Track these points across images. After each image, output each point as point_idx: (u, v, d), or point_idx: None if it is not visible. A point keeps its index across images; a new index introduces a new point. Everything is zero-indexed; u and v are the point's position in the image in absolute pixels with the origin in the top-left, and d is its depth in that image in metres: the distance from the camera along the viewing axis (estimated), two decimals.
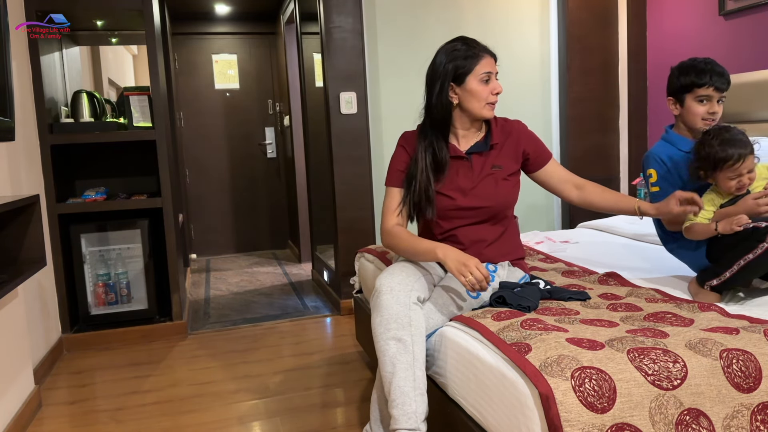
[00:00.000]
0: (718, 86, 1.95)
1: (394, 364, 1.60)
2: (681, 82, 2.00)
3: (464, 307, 1.75)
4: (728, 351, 1.36)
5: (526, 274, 1.95)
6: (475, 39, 1.88)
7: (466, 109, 1.86)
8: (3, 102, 2.04)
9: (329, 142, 3.50)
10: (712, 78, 1.95)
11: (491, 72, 1.83)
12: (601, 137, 3.89)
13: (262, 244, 5.90)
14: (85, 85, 3.89)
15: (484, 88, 1.82)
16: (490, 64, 1.83)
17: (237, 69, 5.69)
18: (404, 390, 1.58)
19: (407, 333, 1.62)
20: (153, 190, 3.47)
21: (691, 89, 1.98)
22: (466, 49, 1.82)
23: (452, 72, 1.82)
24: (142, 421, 2.31)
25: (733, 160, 1.78)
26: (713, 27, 3.17)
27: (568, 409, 1.21)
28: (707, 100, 1.97)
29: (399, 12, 3.60)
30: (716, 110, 1.97)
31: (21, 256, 2.26)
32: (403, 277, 1.70)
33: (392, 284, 1.67)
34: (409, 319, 1.63)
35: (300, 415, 2.29)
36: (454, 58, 1.82)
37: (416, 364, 1.61)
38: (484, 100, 1.83)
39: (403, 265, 1.79)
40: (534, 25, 3.82)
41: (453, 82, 1.84)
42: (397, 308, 1.63)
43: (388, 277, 1.70)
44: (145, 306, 3.33)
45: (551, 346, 1.36)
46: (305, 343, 3.10)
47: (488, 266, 1.87)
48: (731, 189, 1.83)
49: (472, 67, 1.81)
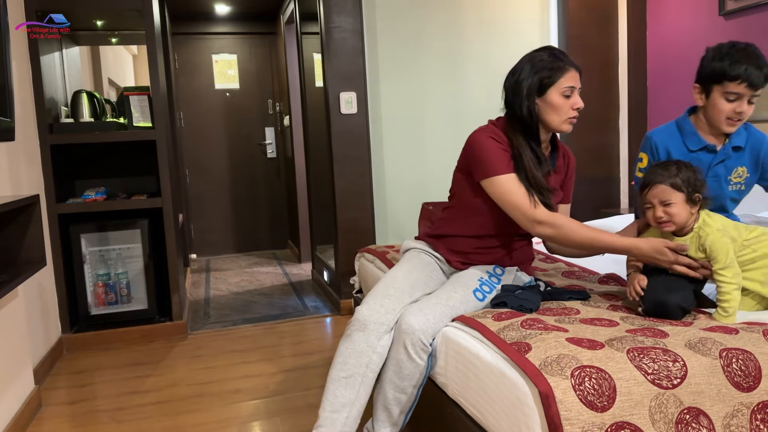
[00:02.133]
0: (752, 82, 1.66)
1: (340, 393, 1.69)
2: (712, 68, 1.70)
3: (470, 311, 1.74)
4: (728, 350, 1.36)
5: (531, 278, 1.95)
6: (563, 51, 1.82)
7: (544, 120, 1.80)
8: (3, 102, 2.04)
9: (329, 142, 3.50)
10: (747, 71, 1.64)
11: (574, 87, 1.77)
12: (601, 137, 3.89)
13: (262, 244, 5.90)
14: (85, 85, 3.89)
15: (565, 102, 1.76)
16: (575, 78, 1.77)
17: (237, 69, 5.69)
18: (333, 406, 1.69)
19: (360, 373, 1.68)
20: (153, 190, 3.47)
21: (720, 80, 1.69)
22: (552, 60, 1.76)
23: (537, 83, 1.76)
24: (142, 421, 2.31)
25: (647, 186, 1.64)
26: (713, 27, 3.17)
27: (568, 407, 1.21)
28: (737, 97, 1.69)
29: (399, 12, 3.60)
30: (744, 110, 1.69)
31: (21, 256, 2.26)
32: (385, 308, 1.70)
33: (368, 320, 1.68)
34: (369, 359, 1.68)
35: (300, 415, 2.29)
36: (540, 69, 1.76)
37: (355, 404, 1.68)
38: (564, 114, 1.77)
39: (393, 286, 1.77)
40: (534, 25, 3.82)
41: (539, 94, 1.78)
42: (363, 347, 1.68)
43: (367, 310, 1.70)
44: (145, 306, 3.33)
45: (551, 346, 1.36)
46: (305, 343, 3.10)
47: (495, 269, 1.87)
48: (650, 220, 1.67)
49: (556, 79, 1.75)
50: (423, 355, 1.63)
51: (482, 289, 1.78)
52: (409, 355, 1.63)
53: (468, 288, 1.76)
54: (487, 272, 1.85)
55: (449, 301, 1.71)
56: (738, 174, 1.78)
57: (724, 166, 1.78)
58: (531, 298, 1.71)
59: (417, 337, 1.62)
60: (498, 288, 1.81)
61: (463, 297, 1.73)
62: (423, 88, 3.68)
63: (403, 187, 3.67)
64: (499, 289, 1.81)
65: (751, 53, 1.66)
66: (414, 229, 3.59)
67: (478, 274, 1.83)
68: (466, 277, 1.82)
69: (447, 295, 1.74)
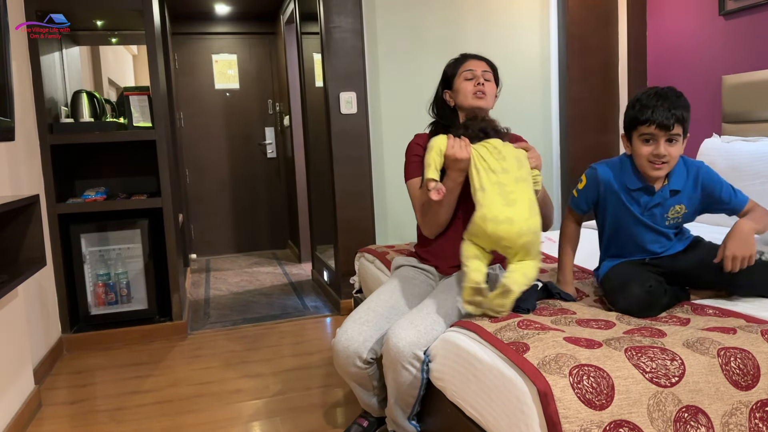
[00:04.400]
0: (661, 123, 1.65)
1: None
2: (627, 116, 1.74)
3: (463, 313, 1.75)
4: (725, 349, 1.36)
5: None
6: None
7: (460, 105, 1.99)
8: (3, 102, 2.04)
9: (329, 142, 3.50)
10: (654, 113, 1.65)
11: (473, 69, 1.97)
12: (601, 137, 3.89)
13: (262, 244, 5.90)
14: (85, 85, 3.89)
15: (468, 83, 1.96)
16: (475, 64, 1.98)
17: (237, 69, 5.70)
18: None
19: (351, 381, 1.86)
20: (153, 190, 3.47)
21: (635, 126, 1.72)
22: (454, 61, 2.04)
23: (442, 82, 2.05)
24: (142, 421, 2.31)
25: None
26: (713, 27, 3.17)
27: (567, 406, 1.21)
28: (652, 138, 1.69)
29: (399, 12, 3.60)
30: (662, 152, 1.67)
31: (21, 256, 2.26)
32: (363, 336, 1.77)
33: (340, 346, 1.78)
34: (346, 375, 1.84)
35: (300, 415, 2.29)
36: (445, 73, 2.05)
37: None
38: (470, 92, 1.95)
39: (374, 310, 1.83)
40: (534, 25, 3.82)
41: (446, 88, 2.03)
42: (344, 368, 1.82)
43: (345, 340, 1.78)
44: (145, 306, 3.33)
45: (549, 345, 1.36)
46: (305, 343, 3.10)
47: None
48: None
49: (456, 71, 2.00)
50: (417, 364, 1.66)
51: None
52: (407, 370, 1.67)
53: (458, 293, 1.77)
54: None
55: (440, 310, 1.72)
56: (675, 211, 1.80)
57: (662, 208, 1.78)
58: (527, 298, 1.71)
59: (410, 353, 1.65)
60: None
61: (453, 304, 1.75)
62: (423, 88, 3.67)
63: (403, 187, 3.62)
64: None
65: (664, 95, 1.67)
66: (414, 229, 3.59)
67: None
68: (453, 283, 1.84)
69: (437, 304, 1.75)
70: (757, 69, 2.89)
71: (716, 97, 3.13)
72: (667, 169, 1.72)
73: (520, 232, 1.65)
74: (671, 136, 1.67)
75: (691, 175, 1.78)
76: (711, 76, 3.19)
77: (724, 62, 3.12)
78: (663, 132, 1.66)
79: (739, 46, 3.03)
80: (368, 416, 1.99)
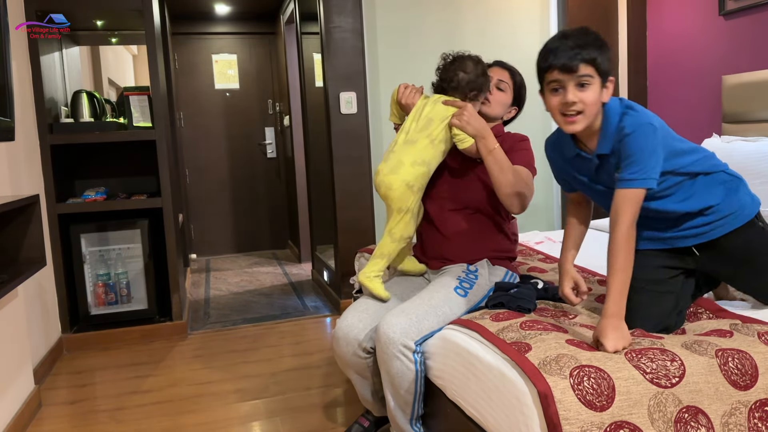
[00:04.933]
0: (564, 65, 1.41)
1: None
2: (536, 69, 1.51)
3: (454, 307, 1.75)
4: (723, 350, 1.37)
5: (508, 271, 1.95)
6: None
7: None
8: (3, 102, 2.04)
9: (329, 142, 3.50)
10: (556, 56, 1.42)
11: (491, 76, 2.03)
12: None
13: (262, 244, 5.90)
14: (85, 85, 3.89)
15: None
16: (494, 71, 2.07)
17: (237, 69, 5.70)
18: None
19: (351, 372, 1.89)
20: (153, 190, 3.47)
21: (542, 76, 1.49)
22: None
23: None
24: (142, 421, 2.31)
25: None
26: (713, 27, 3.18)
27: (567, 407, 1.21)
28: (559, 85, 1.45)
29: (399, 12, 3.60)
30: (571, 99, 1.43)
31: (21, 256, 2.26)
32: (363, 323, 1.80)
33: (340, 333, 1.83)
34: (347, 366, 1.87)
35: (300, 415, 2.29)
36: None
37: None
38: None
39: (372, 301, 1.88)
40: (534, 25, 3.82)
41: None
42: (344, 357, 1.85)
43: (343, 320, 1.84)
44: (145, 306, 3.33)
45: (551, 346, 1.36)
46: (305, 343, 3.10)
47: (468, 266, 1.89)
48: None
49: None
50: (409, 353, 1.66)
51: (462, 285, 1.81)
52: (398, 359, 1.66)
53: (448, 287, 1.79)
54: (463, 271, 1.88)
55: (431, 300, 1.74)
56: None
57: (605, 172, 1.55)
58: (528, 297, 1.71)
59: (400, 341, 1.65)
60: (479, 282, 1.83)
61: (445, 296, 1.76)
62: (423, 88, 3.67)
63: None
64: (482, 285, 1.83)
65: (568, 34, 1.44)
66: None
67: (456, 272, 1.87)
68: (445, 278, 1.85)
69: (429, 295, 1.77)
70: (757, 69, 2.89)
71: (716, 97, 3.13)
72: (585, 120, 1.46)
73: (380, 183, 1.82)
74: (580, 79, 1.42)
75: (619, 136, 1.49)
76: (711, 76, 3.19)
77: (724, 62, 3.12)
78: (568, 75, 1.42)
79: (739, 46, 3.03)
80: (369, 416, 1.99)
